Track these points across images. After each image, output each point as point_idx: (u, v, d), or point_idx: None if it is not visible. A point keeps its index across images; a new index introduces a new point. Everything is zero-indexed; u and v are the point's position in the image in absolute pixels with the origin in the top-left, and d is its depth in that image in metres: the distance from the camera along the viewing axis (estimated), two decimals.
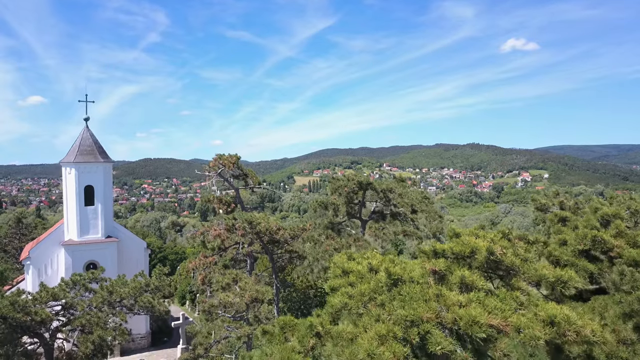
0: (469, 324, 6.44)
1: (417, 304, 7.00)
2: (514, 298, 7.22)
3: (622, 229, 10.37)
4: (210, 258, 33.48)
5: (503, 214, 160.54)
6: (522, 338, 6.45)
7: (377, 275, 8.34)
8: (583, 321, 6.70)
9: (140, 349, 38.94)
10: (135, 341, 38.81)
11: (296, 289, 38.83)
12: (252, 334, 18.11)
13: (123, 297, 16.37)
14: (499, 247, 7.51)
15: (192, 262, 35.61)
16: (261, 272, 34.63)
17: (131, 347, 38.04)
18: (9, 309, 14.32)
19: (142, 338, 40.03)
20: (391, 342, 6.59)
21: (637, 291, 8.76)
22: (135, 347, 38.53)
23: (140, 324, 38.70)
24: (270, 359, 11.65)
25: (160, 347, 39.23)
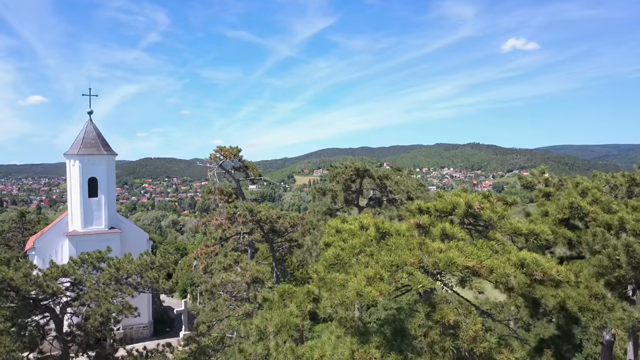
0: (447, 265, 7.20)
1: (402, 252, 7.77)
2: (489, 247, 7.99)
3: (597, 196, 11.13)
4: (212, 247, 34.28)
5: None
6: (494, 277, 7.21)
7: (367, 231, 9.11)
8: (550, 264, 7.47)
9: (143, 339, 39.75)
10: (138, 330, 39.64)
11: (295, 278, 39.60)
12: (253, 312, 18.87)
13: (130, 273, 17.13)
14: (477, 202, 8.28)
15: (194, 251, 36.43)
16: (261, 260, 35.42)
17: (134, 337, 38.82)
18: (22, 281, 15.09)
19: (145, 328, 40.81)
20: (378, 282, 7.35)
21: (607, 249, 9.52)
22: (137, 336, 39.31)
23: (143, 314, 39.49)
24: (270, 323, 12.47)
25: (162, 336, 39.97)
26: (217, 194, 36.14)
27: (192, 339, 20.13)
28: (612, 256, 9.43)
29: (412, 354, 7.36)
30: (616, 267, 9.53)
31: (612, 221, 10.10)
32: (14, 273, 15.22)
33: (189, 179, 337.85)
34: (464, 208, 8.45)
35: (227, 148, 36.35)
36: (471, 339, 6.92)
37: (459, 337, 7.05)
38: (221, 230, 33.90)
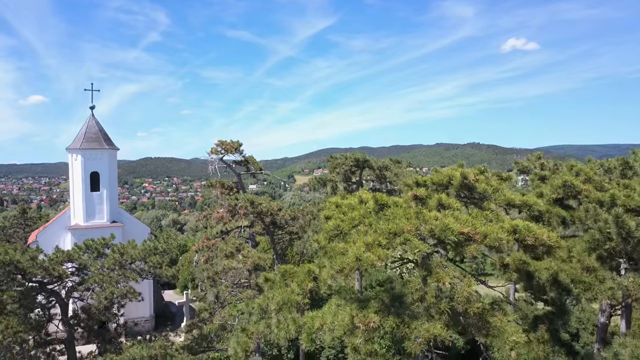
0: (443, 230, 7.51)
1: (400, 221, 8.08)
2: (484, 216, 8.30)
3: (590, 175, 11.44)
4: (213, 240, 34.57)
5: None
6: (488, 242, 7.52)
7: (366, 204, 9.42)
8: (541, 230, 7.78)
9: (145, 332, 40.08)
10: (140, 324, 39.94)
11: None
12: (254, 298, 19.17)
13: (134, 258, 17.43)
14: (472, 174, 8.59)
15: (196, 244, 36.73)
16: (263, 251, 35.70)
17: (135, 331, 39.17)
18: (29, 264, 15.40)
19: (147, 321, 41.12)
20: (376, 248, 7.66)
21: (599, 223, 9.82)
22: (139, 330, 39.62)
23: (145, 308, 39.76)
24: (272, 301, 12.80)
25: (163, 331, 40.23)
26: (219, 188, 36.44)
27: (194, 324, 20.43)
28: (604, 229, 9.73)
29: (409, 318, 7.67)
30: (607, 240, 9.83)
31: (604, 198, 10.40)
32: (21, 256, 15.54)
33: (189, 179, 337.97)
34: (460, 179, 8.76)
35: (228, 142, 36.63)
36: (465, 300, 7.23)
37: (454, 299, 7.35)
38: (222, 223, 34.22)
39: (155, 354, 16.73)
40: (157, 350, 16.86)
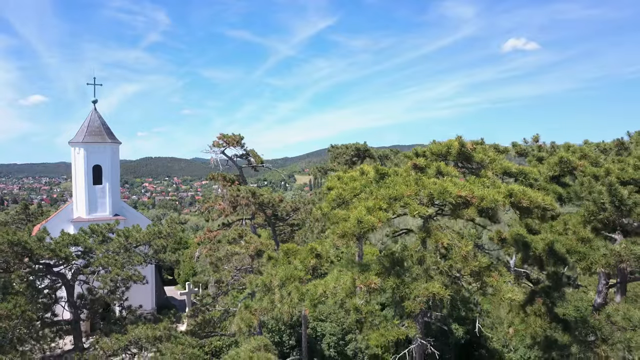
0: (441, 193, 7.81)
1: (400, 187, 8.37)
2: (481, 182, 8.59)
3: (586, 152, 11.73)
4: (215, 232, 34.86)
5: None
6: (484, 204, 7.81)
7: (367, 175, 9.73)
8: (536, 194, 8.07)
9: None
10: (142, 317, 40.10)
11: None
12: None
13: (138, 241, 17.73)
14: (470, 144, 8.90)
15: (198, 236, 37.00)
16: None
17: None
18: (37, 245, 15.71)
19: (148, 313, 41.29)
20: (377, 212, 7.95)
21: (593, 194, 10.11)
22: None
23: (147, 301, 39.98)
24: (275, 278, 13.09)
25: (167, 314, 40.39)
26: (220, 180, 36.74)
27: (197, 310, 20.74)
28: (598, 200, 10.02)
29: (409, 280, 7.95)
30: (601, 211, 10.11)
31: (599, 172, 10.69)
32: (28, 237, 15.85)
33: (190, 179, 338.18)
34: (458, 148, 9.06)
35: (230, 135, 36.88)
36: (462, 259, 7.52)
37: (452, 259, 7.64)
38: (224, 215, 34.50)
39: (160, 335, 17.01)
40: (162, 332, 17.16)
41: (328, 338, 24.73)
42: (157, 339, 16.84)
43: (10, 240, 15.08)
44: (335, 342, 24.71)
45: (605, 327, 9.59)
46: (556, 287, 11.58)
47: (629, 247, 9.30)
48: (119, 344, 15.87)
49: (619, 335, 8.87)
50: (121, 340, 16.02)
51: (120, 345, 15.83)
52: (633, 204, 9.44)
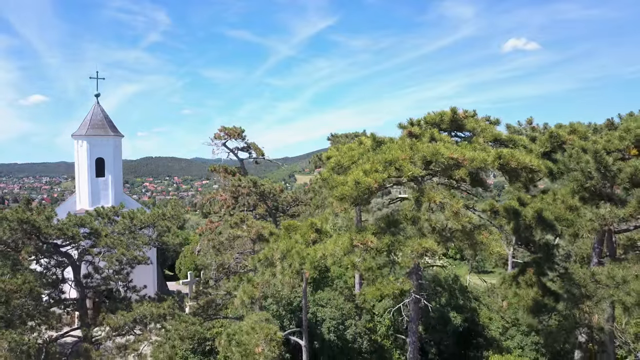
0: (434, 154, 8.28)
1: (395, 152, 8.85)
2: (472, 147, 9.07)
3: (575, 127, 12.20)
4: (216, 223, 35.37)
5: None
6: (474, 165, 8.29)
7: (364, 145, 10.21)
8: (525, 157, 8.55)
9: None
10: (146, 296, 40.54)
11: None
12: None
13: (143, 222, 18.21)
14: (462, 112, 9.38)
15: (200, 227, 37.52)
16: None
17: None
18: (45, 223, 16.19)
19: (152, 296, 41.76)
20: (373, 174, 8.42)
21: (580, 164, 10.58)
22: None
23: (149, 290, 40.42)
24: (276, 251, 13.60)
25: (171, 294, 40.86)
26: (222, 172, 37.27)
27: (200, 292, 21.18)
28: (585, 169, 10.48)
29: (403, 238, 8.42)
30: (588, 179, 10.57)
31: (587, 145, 11.15)
32: (37, 216, 16.34)
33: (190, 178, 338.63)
34: (450, 116, 9.54)
35: (231, 128, 37.48)
36: (454, 215, 7.99)
37: (444, 215, 8.11)
38: (225, 206, 35.00)
39: (164, 313, 17.49)
40: (166, 310, 17.64)
41: (328, 322, 25.16)
42: (161, 317, 17.33)
43: (20, 218, 15.56)
44: (334, 326, 25.14)
45: (589, 285, 10.05)
46: (547, 258, 12.03)
47: (613, 211, 9.76)
48: (125, 320, 16.34)
49: (603, 292, 9.33)
50: (127, 316, 16.50)
51: (125, 321, 16.30)
52: (617, 170, 9.91)
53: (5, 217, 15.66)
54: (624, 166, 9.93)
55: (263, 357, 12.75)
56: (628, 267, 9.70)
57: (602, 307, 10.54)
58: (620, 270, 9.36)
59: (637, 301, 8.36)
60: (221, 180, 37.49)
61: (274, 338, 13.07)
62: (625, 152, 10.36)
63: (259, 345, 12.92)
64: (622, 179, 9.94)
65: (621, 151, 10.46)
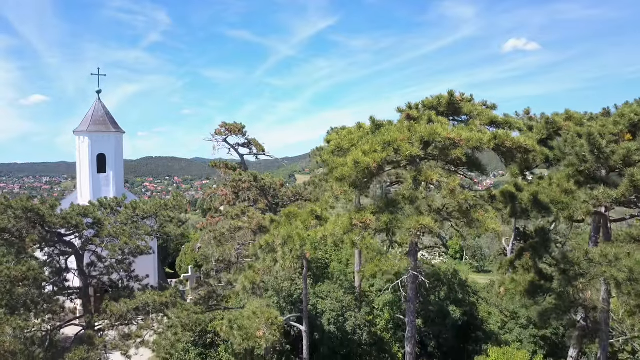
0: (431, 134, 8.51)
1: (394, 133, 9.08)
2: (468, 129, 9.31)
3: (571, 114, 12.43)
4: (217, 218, 35.59)
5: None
6: (470, 144, 8.52)
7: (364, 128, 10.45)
8: (519, 138, 8.79)
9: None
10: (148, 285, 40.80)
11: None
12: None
13: (146, 212, 18.45)
14: (459, 95, 9.62)
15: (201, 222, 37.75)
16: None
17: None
18: (49, 212, 16.43)
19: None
20: (372, 154, 8.66)
21: (575, 148, 10.81)
22: None
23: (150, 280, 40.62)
24: (277, 237, 13.83)
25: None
26: (222, 168, 37.52)
27: (202, 282, 21.41)
28: (579, 153, 10.70)
29: (402, 216, 8.66)
30: (582, 162, 10.80)
31: (582, 131, 11.37)
32: (41, 205, 16.58)
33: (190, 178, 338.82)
34: (447, 99, 9.78)
35: (232, 123, 37.75)
36: (450, 192, 8.22)
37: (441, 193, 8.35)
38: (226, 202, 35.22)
39: (166, 302, 17.72)
40: (168, 299, 17.87)
41: (328, 314, 25.40)
42: (164, 305, 17.56)
43: (25, 206, 15.80)
44: (334, 318, 25.38)
45: (583, 262, 10.27)
46: (543, 242, 12.26)
47: (606, 192, 9.98)
48: (128, 307, 16.57)
49: (596, 269, 9.56)
50: (129, 304, 16.72)
51: (128, 309, 16.52)
52: (610, 152, 10.13)
53: (10, 206, 15.90)
54: (617, 148, 10.15)
55: (264, 340, 12.97)
56: (621, 246, 9.93)
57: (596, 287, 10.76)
58: (613, 249, 9.59)
59: (628, 277, 8.59)
60: (222, 175, 37.72)
61: (274, 322, 13.30)
62: (620, 136, 10.59)
63: (260, 329, 13.15)
64: (615, 160, 10.16)
65: (615, 135, 10.68)
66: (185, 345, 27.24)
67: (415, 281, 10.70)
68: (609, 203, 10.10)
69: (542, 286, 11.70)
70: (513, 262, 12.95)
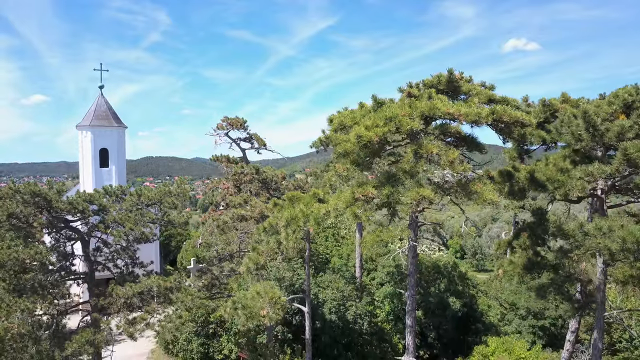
0: (431, 109, 8.83)
1: (395, 109, 9.39)
2: (467, 105, 9.62)
3: (567, 97, 12.74)
4: (219, 212, 35.89)
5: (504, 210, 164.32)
6: (469, 119, 8.83)
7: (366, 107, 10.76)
8: (517, 112, 9.10)
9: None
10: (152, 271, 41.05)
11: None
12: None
13: (150, 199, 18.73)
14: (459, 73, 9.94)
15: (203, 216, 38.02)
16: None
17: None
18: (56, 197, 16.74)
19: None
20: (374, 129, 8.96)
21: (571, 127, 11.11)
22: None
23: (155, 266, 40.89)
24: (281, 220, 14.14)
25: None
26: (224, 162, 37.78)
27: (204, 269, 21.74)
28: (575, 132, 11.01)
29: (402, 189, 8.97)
30: (578, 141, 11.10)
31: (578, 112, 11.68)
32: (48, 190, 16.89)
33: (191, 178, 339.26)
34: (447, 77, 10.09)
35: (234, 118, 37.96)
36: (449, 163, 8.53)
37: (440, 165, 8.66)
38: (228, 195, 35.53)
39: (170, 286, 18.03)
40: (173, 283, 18.17)
41: (329, 303, 25.73)
42: (168, 290, 17.86)
43: (33, 191, 16.10)
44: (335, 307, 25.70)
45: (578, 235, 10.57)
46: (540, 222, 12.56)
47: (600, 167, 10.28)
48: (133, 291, 16.87)
49: (590, 242, 9.85)
50: (134, 287, 17.03)
51: (134, 292, 16.83)
52: (605, 129, 10.44)
53: (18, 190, 16.20)
54: (611, 126, 10.45)
55: (268, 319, 13.27)
56: (614, 219, 10.22)
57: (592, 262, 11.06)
58: (607, 222, 9.89)
59: (621, 247, 8.89)
60: (224, 168, 37.94)
61: (278, 302, 13.60)
62: (614, 116, 10.89)
63: (264, 308, 13.45)
64: (609, 137, 10.46)
65: (610, 115, 10.97)
66: (188, 336, 27.55)
67: (415, 255, 11.00)
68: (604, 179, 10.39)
69: (539, 262, 12.00)
70: (511, 243, 13.25)
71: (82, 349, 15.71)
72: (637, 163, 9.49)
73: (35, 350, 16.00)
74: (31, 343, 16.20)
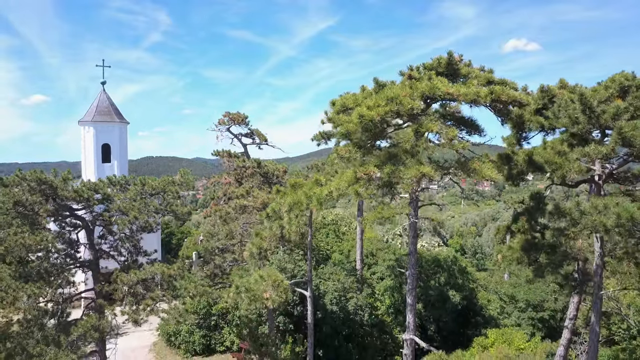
0: (431, 89, 9.07)
1: (396, 90, 9.64)
2: (466, 86, 9.87)
3: (565, 83, 12.96)
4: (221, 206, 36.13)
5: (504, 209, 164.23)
6: (468, 98, 9.08)
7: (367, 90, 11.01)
8: (515, 92, 9.35)
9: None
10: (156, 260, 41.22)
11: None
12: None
13: (154, 188, 18.98)
14: (458, 55, 10.20)
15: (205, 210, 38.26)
16: None
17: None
18: (62, 185, 16.98)
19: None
20: (376, 108, 9.21)
21: (568, 110, 11.33)
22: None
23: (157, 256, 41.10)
24: (284, 205, 14.38)
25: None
26: (225, 156, 38.04)
27: (207, 259, 21.97)
28: (572, 115, 11.24)
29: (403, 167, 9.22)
30: (575, 124, 11.32)
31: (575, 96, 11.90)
32: (54, 177, 17.14)
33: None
34: (446, 59, 10.34)
35: (235, 113, 38.25)
36: (449, 141, 8.78)
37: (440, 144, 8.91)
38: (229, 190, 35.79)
39: (174, 274, 18.28)
40: (176, 271, 18.42)
41: (330, 294, 25.98)
42: (172, 277, 18.11)
43: (39, 178, 16.35)
44: (337, 298, 25.94)
45: (574, 212, 10.81)
46: (538, 206, 12.80)
47: (597, 148, 10.52)
48: (137, 278, 17.12)
49: (586, 220, 10.08)
50: (139, 274, 17.28)
51: (138, 279, 17.08)
52: (601, 111, 10.66)
53: (25, 177, 16.44)
54: (607, 108, 10.68)
55: (271, 301, 13.52)
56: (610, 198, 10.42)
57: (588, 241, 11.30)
58: (603, 200, 10.10)
59: (616, 223, 9.12)
60: (225, 162, 38.19)
61: (281, 285, 13.84)
62: (610, 99, 11.11)
63: (266, 290, 13.70)
64: (605, 119, 10.68)
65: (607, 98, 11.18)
66: (190, 328, 27.81)
67: (415, 233, 11.26)
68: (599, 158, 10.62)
69: (536, 243, 12.23)
70: (510, 227, 13.48)
71: (87, 333, 15.95)
72: (631, 142, 9.72)
73: (41, 336, 16.24)
74: (37, 329, 16.45)
